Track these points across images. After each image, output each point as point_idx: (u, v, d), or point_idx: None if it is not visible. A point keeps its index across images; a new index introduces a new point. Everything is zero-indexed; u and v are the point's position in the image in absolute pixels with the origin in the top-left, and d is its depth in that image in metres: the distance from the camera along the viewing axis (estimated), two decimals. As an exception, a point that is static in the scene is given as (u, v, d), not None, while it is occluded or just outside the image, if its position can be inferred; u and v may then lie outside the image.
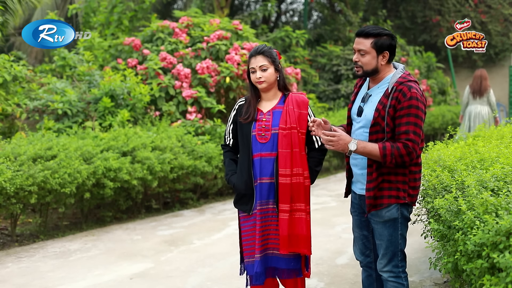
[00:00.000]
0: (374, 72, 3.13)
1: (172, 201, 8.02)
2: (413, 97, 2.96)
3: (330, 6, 18.47)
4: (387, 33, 3.09)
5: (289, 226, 3.38)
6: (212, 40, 9.35)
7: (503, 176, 3.01)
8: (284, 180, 3.38)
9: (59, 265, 5.27)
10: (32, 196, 5.71)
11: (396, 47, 3.13)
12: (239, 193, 3.50)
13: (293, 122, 3.42)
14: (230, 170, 3.59)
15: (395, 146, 2.95)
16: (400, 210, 3.10)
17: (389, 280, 3.16)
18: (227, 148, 3.66)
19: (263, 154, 3.42)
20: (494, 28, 19.13)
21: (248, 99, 3.54)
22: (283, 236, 3.36)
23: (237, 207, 3.54)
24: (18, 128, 7.58)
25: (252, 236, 3.46)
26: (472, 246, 2.47)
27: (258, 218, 3.41)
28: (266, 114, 3.47)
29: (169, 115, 8.45)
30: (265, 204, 3.43)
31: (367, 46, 3.08)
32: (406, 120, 2.96)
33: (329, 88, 13.81)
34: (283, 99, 3.52)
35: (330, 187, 9.19)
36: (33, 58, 15.30)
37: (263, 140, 3.43)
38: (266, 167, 3.42)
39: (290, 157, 3.39)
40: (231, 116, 3.62)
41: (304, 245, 3.43)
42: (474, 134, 5.13)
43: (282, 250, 3.38)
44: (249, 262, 3.48)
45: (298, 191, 3.41)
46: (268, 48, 3.51)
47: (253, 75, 3.46)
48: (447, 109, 15.75)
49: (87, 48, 10.07)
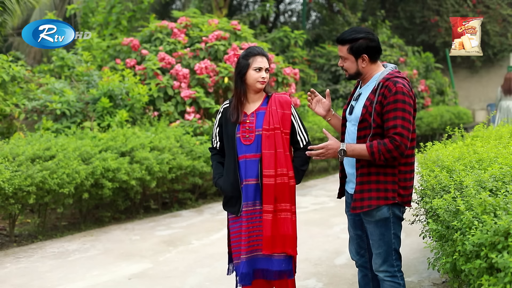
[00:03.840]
0: (357, 74, 3.19)
1: (170, 201, 8.01)
2: (398, 91, 2.97)
3: (328, 6, 18.48)
4: (362, 36, 3.10)
5: (273, 226, 3.39)
6: (211, 40, 9.34)
7: (502, 176, 3.01)
8: (268, 181, 3.39)
9: (58, 266, 5.27)
10: (31, 197, 5.70)
11: (376, 47, 3.13)
12: (226, 195, 3.52)
13: (276, 122, 3.43)
14: (217, 173, 3.60)
15: (382, 142, 2.97)
16: (391, 210, 3.10)
17: (385, 279, 3.17)
18: (214, 151, 3.67)
19: (247, 156, 3.43)
20: (492, 28, 19.14)
21: (233, 101, 3.53)
22: (266, 237, 3.38)
23: (226, 209, 3.55)
24: (16, 129, 7.57)
25: (239, 238, 3.47)
26: (471, 246, 2.47)
27: (244, 220, 3.42)
28: (250, 115, 3.48)
29: (168, 116, 8.44)
30: (251, 205, 3.44)
31: (344, 52, 3.15)
32: (393, 114, 2.98)
33: (327, 88, 13.81)
34: (266, 100, 3.53)
35: (328, 187, 9.20)
36: (31, 58, 15.28)
37: (247, 141, 3.44)
38: (251, 169, 3.43)
39: (274, 157, 3.40)
40: (216, 119, 3.62)
41: (290, 245, 3.44)
42: (473, 134, 5.13)
43: (265, 250, 3.38)
44: (238, 263, 3.48)
45: (283, 191, 3.42)
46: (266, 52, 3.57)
47: (257, 74, 3.44)
48: (445, 109, 15.76)
49: (85, 48, 10.06)
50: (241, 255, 3.43)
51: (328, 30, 16.77)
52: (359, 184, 3.12)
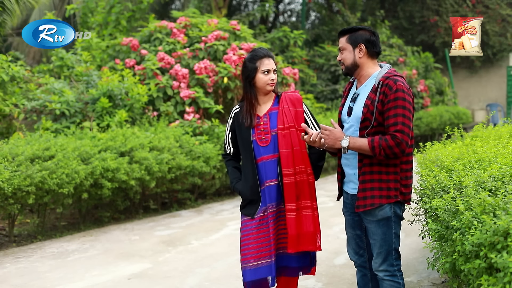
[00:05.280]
0: (354, 66, 3.20)
1: (170, 201, 8.01)
2: (399, 89, 3.00)
3: (328, 6, 18.48)
4: (361, 27, 3.19)
5: (297, 225, 3.40)
6: (210, 40, 9.34)
7: (501, 176, 3.01)
8: (288, 179, 3.40)
9: (57, 266, 5.26)
10: (30, 197, 5.70)
11: (375, 41, 3.17)
12: (245, 199, 3.50)
13: (291, 121, 3.44)
14: (234, 177, 3.60)
15: (383, 138, 2.99)
16: (393, 209, 3.12)
17: (384, 279, 3.17)
18: (228, 157, 3.67)
19: (265, 157, 3.44)
20: (491, 28, 19.15)
21: (243, 105, 3.52)
22: (292, 236, 3.38)
23: (243, 212, 3.53)
24: (16, 129, 7.57)
25: (254, 241, 3.44)
26: (470, 246, 2.47)
27: (271, 221, 3.42)
28: (263, 117, 3.47)
29: (167, 116, 8.44)
30: (276, 206, 3.45)
31: (343, 43, 3.21)
32: (393, 112, 3.00)
33: (327, 88, 13.82)
34: (277, 100, 3.53)
35: (327, 187, 9.19)
36: (31, 58, 15.28)
37: (264, 143, 3.44)
38: (270, 170, 3.43)
39: (292, 156, 3.41)
40: (228, 125, 3.62)
41: (311, 242, 3.44)
42: (472, 134, 5.13)
43: (291, 249, 3.39)
44: (246, 268, 3.47)
45: (303, 189, 3.43)
46: None
47: (266, 77, 3.43)
48: (444, 109, 15.77)
49: (85, 48, 10.06)
50: (271, 255, 3.42)
51: (327, 30, 16.76)
52: (361, 183, 3.13)
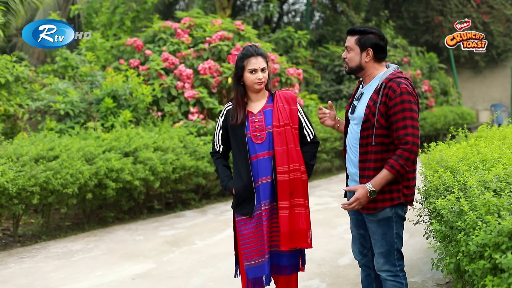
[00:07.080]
0: (358, 69, 3.19)
1: (174, 201, 8.02)
2: (403, 92, 3.00)
3: (332, 6, 18.47)
4: (372, 31, 3.15)
5: (290, 222, 3.40)
6: (214, 40, 9.35)
7: (506, 177, 3.00)
8: (282, 177, 3.39)
9: (61, 266, 5.27)
10: (34, 197, 5.72)
11: (383, 47, 3.16)
12: (239, 197, 3.47)
13: (286, 118, 3.44)
14: (225, 176, 3.57)
15: (396, 156, 3.00)
16: (394, 210, 3.11)
17: (387, 279, 3.17)
18: (217, 155, 3.64)
19: (260, 155, 3.42)
20: (496, 28, 19.11)
21: (233, 103, 3.51)
22: (284, 233, 3.38)
23: (238, 211, 3.49)
24: (20, 129, 7.59)
25: (254, 239, 3.43)
26: (474, 247, 2.47)
27: (265, 219, 3.40)
28: (257, 114, 3.46)
29: (171, 116, 8.45)
30: (269, 203, 3.44)
31: (351, 43, 3.18)
32: (401, 115, 3.00)
33: (331, 88, 13.81)
34: (271, 98, 3.52)
35: (332, 188, 9.19)
36: (35, 58, 15.30)
37: (259, 140, 3.42)
38: (264, 167, 3.42)
39: (287, 153, 3.40)
40: (219, 122, 3.58)
41: (304, 239, 3.44)
42: (477, 134, 5.12)
43: (283, 246, 3.39)
44: (250, 266, 3.46)
45: (297, 187, 3.43)
46: (262, 49, 3.52)
47: (253, 76, 3.41)
48: (449, 110, 15.73)
49: (89, 48, 10.08)
50: (264, 255, 3.41)
51: (331, 31, 16.75)
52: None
